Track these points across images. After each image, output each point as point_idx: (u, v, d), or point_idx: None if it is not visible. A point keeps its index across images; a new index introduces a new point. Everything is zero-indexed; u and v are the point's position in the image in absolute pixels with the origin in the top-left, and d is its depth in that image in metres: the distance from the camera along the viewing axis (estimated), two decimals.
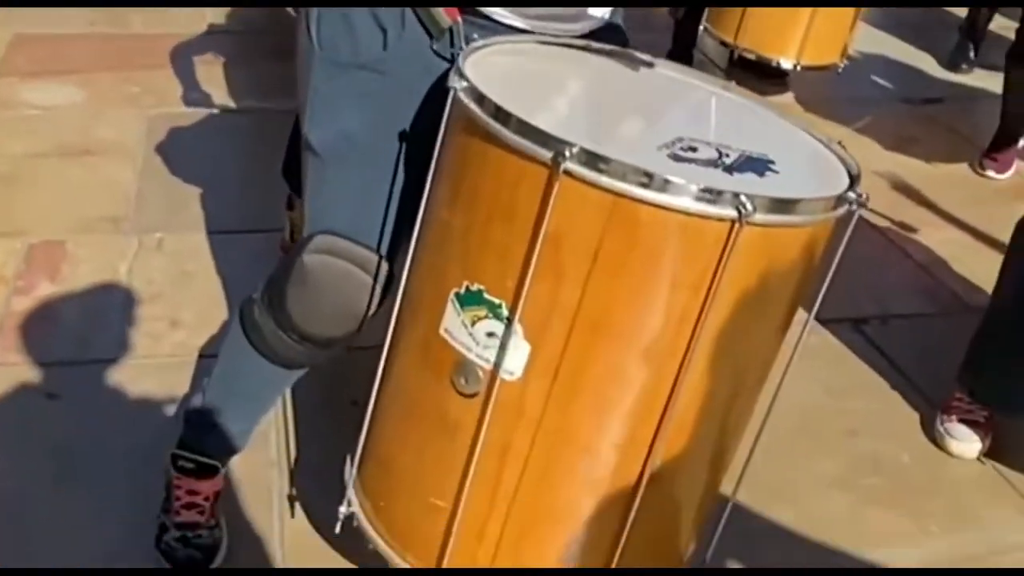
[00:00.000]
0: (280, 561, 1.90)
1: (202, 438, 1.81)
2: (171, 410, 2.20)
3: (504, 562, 1.44)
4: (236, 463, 1.93)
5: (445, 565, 1.45)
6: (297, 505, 2.01)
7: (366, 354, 1.53)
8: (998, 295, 2.37)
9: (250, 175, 3.09)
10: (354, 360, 1.70)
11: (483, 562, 1.45)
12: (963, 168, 3.72)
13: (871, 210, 3.25)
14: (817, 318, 1.44)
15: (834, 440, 2.38)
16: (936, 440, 2.36)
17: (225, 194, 3.03)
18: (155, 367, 2.34)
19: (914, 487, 2.26)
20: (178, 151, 3.23)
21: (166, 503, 1.86)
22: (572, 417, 1.35)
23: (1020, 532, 2.17)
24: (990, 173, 3.64)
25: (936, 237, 3.22)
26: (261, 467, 2.09)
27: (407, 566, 1.51)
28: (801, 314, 1.44)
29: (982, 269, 2.74)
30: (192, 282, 2.64)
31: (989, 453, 2.34)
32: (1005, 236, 2.40)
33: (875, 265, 3.04)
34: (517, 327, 1.30)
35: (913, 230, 3.22)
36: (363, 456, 1.57)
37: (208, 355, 2.30)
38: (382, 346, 1.50)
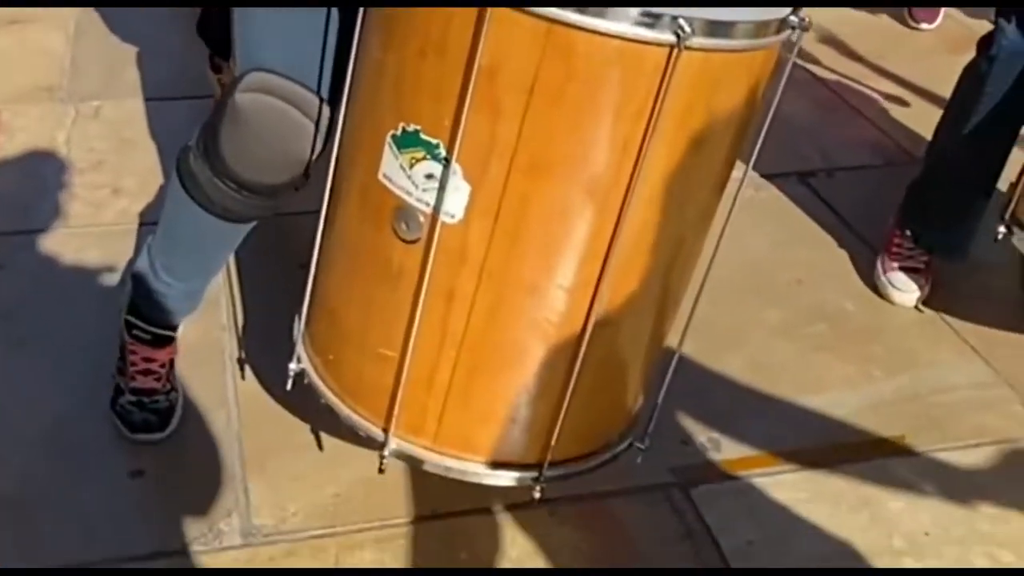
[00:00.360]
0: (235, 422, 1.92)
1: (151, 300, 1.79)
2: (117, 277, 2.18)
3: (454, 409, 1.46)
4: (188, 328, 1.92)
5: (395, 415, 1.46)
6: (249, 367, 2.02)
7: (314, 218, 1.51)
8: (938, 141, 2.39)
9: (187, 39, 2.99)
10: (302, 224, 1.68)
11: (433, 411, 1.46)
12: (895, 24, 3.72)
13: (816, 64, 3.29)
14: (764, 172, 1.45)
15: (780, 290, 2.41)
16: (878, 289, 2.41)
17: (162, 60, 2.96)
18: (98, 235, 2.32)
19: (857, 333, 2.31)
20: (111, 17, 3.14)
21: (120, 364, 1.86)
22: (516, 258, 1.35)
23: (959, 373, 2.23)
24: (923, 26, 3.64)
25: (880, 90, 3.23)
26: (212, 331, 2.09)
27: (357, 418, 1.52)
28: (743, 165, 1.43)
29: (926, 121, 2.75)
30: (132, 149, 2.59)
31: (930, 297, 2.39)
32: (946, 89, 2.41)
33: (821, 119, 3.05)
34: (455, 167, 1.29)
35: (857, 83, 3.23)
36: (310, 311, 1.56)
37: (151, 222, 2.26)
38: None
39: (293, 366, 1.58)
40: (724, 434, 2.01)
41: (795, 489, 1.92)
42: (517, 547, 1.76)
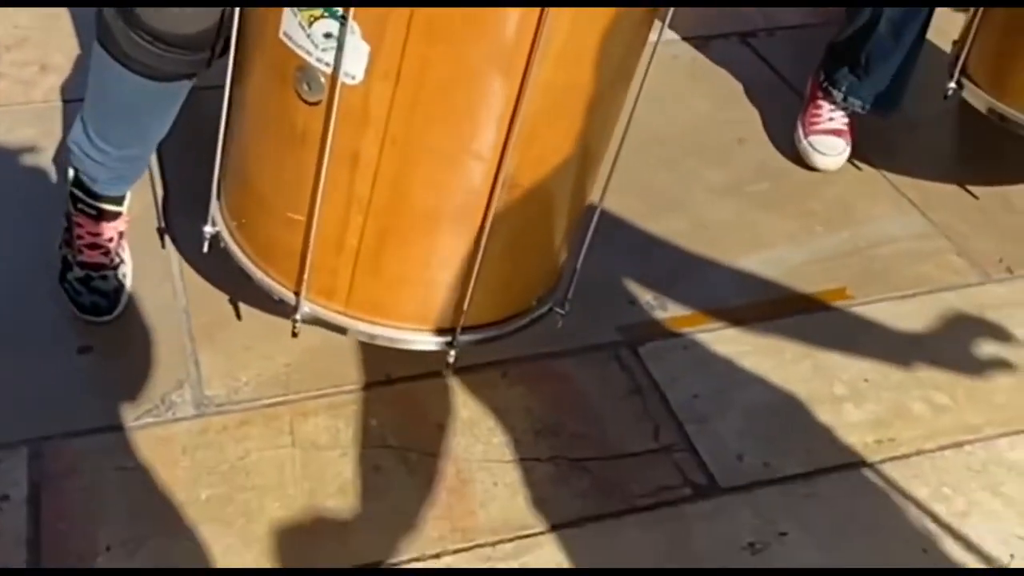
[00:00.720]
0: (181, 296, 1.90)
1: (90, 171, 1.75)
2: (52, 154, 2.13)
3: (364, 274, 1.46)
4: (131, 201, 1.89)
5: (305, 279, 1.47)
6: (192, 239, 1.99)
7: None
8: None
9: None
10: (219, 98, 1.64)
11: (344, 275, 1.47)
12: None
13: None
14: (705, 34, 1.43)
15: (722, 150, 2.42)
16: (801, 154, 2.37)
17: None
18: (31, 113, 2.26)
19: (799, 191, 2.34)
20: None
21: (67, 236, 1.83)
22: (419, 123, 1.34)
23: (898, 226, 2.28)
24: None
25: None
26: (154, 206, 2.07)
27: (271, 282, 1.53)
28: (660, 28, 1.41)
29: None
30: (58, 24, 2.51)
31: (869, 153, 2.41)
32: None
33: None
34: (353, 26, 1.26)
35: None
36: (224, 174, 1.56)
37: (82, 99, 2.20)
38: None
39: (208, 229, 1.57)
40: (670, 293, 2.04)
41: (739, 343, 1.97)
42: (469, 409, 1.79)
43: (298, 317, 1.49)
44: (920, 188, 2.36)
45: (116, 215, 1.82)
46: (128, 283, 1.86)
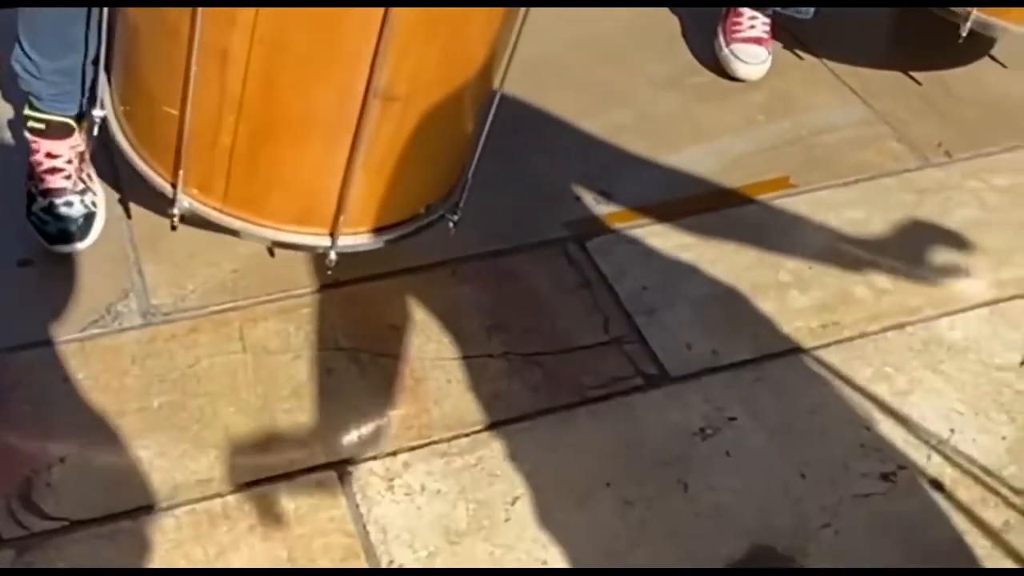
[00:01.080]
0: (119, 205, 1.87)
1: (31, 84, 1.71)
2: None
3: (240, 174, 1.48)
4: None
5: (182, 173, 1.48)
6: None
7: None
8: None
9: None
10: None
11: (220, 173, 1.48)
12: None
13: None
14: None
15: (664, 44, 2.41)
16: (722, 63, 2.32)
17: None
18: None
19: (740, 82, 2.33)
20: None
21: (29, 170, 1.79)
22: (287, 24, 1.33)
23: (839, 114, 2.29)
24: None
25: None
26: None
27: (150, 171, 1.54)
28: None
29: None
30: None
31: (810, 42, 2.41)
32: None
33: None
34: None
35: None
36: (113, 59, 1.55)
37: None
38: None
39: (97, 112, 1.58)
40: (615, 187, 2.05)
41: (685, 234, 1.98)
42: (420, 308, 1.79)
43: (175, 211, 1.51)
44: (861, 76, 2.37)
45: (66, 129, 1.76)
46: (100, 212, 1.81)
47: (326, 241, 1.54)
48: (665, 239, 1.97)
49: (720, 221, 2.01)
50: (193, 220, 1.55)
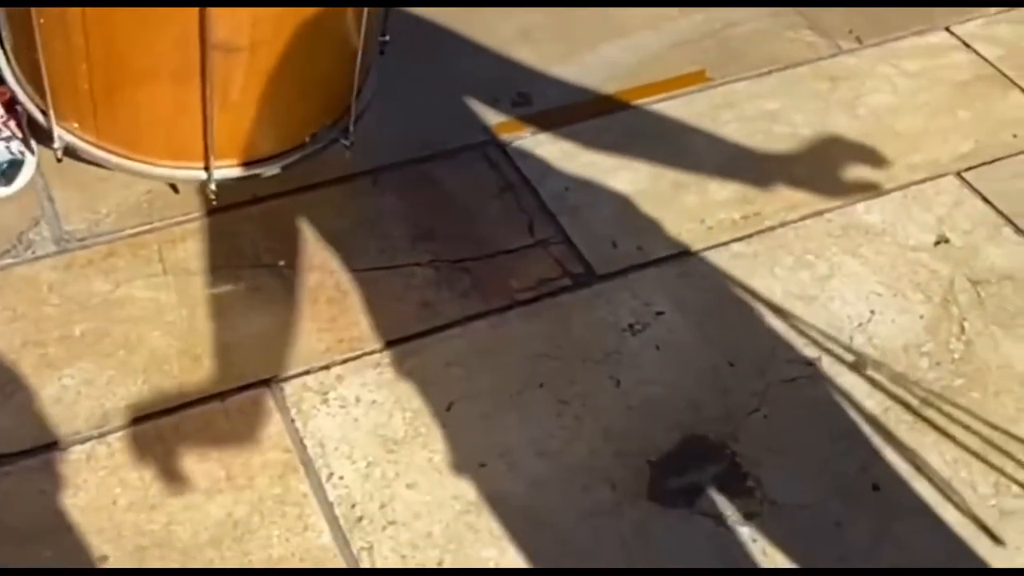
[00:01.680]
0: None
1: None
2: None
3: (106, 116, 1.55)
4: None
5: (53, 105, 1.56)
6: None
7: None
8: None
9: None
10: None
11: (87, 114, 1.55)
12: None
13: None
14: None
15: None
16: None
17: None
18: None
19: None
20: None
21: None
22: None
23: (751, 5, 2.29)
24: None
25: None
26: None
27: (30, 104, 1.61)
28: None
29: None
30: None
31: None
32: None
33: None
34: None
35: None
36: None
37: None
38: None
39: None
40: (533, 88, 2.03)
41: (605, 133, 1.97)
42: (343, 220, 1.77)
43: (56, 144, 1.58)
44: None
45: None
46: (28, 160, 1.74)
47: (202, 175, 1.60)
48: (585, 138, 1.96)
49: (639, 117, 2.01)
50: (75, 155, 1.61)
